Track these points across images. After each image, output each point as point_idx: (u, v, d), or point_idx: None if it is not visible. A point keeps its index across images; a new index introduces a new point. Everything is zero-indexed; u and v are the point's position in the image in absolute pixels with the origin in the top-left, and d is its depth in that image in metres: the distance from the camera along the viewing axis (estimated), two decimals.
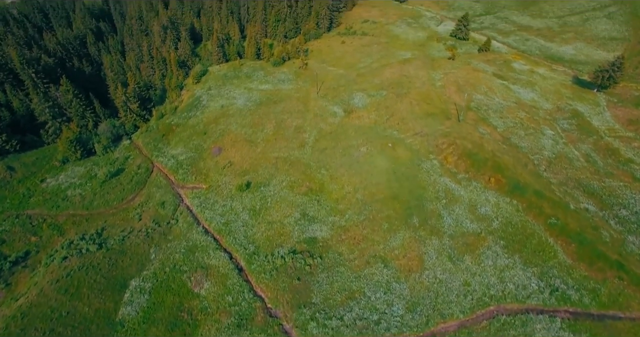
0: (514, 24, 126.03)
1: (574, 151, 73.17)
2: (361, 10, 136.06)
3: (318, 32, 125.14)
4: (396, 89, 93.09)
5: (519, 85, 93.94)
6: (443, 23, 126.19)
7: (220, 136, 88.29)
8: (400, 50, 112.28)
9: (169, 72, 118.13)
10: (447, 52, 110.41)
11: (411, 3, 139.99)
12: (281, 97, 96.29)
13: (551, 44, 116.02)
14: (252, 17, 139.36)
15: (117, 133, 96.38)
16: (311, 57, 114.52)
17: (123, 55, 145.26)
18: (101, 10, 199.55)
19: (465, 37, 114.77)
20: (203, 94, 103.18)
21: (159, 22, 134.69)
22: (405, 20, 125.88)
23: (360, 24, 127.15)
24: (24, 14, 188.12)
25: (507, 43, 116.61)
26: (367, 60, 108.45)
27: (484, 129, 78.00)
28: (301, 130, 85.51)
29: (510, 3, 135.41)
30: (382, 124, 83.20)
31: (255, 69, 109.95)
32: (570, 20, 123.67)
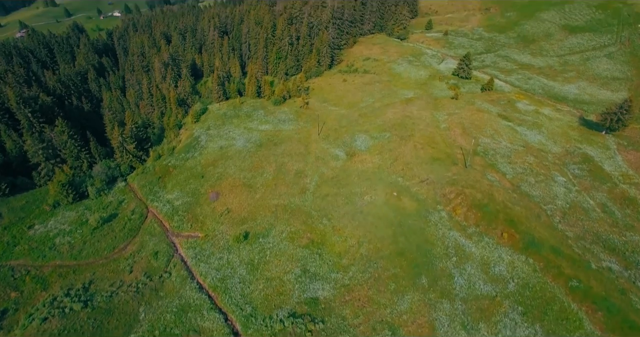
0: (515, 62, 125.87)
1: (589, 200, 69.80)
2: (362, 47, 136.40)
3: (319, 70, 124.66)
4: (399, 131, 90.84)
5: (525, 127, 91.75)
6: (444, 61, 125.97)
7: (218, 180, 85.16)
8: (402, 89, 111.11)
9: (168, 110, 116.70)
10: (450, 92, 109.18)
11: (412, 40, 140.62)
12: (282, 139, 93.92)
13: (554, 82, 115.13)
14: (254, 54, 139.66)
15: (112, 175, 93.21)
16: (312, 96, 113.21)
17: (123, 91, 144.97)
18: (105, 45, 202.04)
19: (468, 76, 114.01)
20: (202, 134, 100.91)
21: (160, 59, 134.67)
22: (406, 58, 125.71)
23: (362, 62, 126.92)
24: (29, 48, 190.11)
25: (510, 82, 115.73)
26: (369, 100, 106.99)
27: (492, 175, 74.96)
28: (302, 175, 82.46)
29: (510, 41, 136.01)
30: (386, 169, 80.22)
31: (256, 108, 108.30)
32: (571, 60, 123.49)
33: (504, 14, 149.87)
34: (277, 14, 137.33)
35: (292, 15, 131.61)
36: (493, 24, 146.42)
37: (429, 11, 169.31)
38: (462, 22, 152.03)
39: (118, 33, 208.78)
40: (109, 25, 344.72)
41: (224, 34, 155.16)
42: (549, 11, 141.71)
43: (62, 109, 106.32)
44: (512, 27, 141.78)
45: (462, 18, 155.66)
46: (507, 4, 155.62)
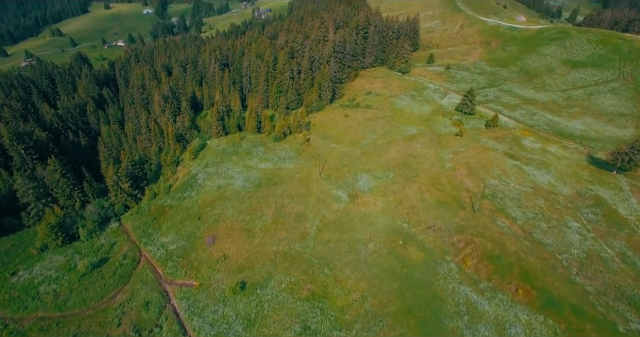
0: (519, 97, 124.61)
1: (607, 249, 65.88)
2: (364, 81, 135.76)
3: (320, 104, 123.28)
4: (403, 171, 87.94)
5: (532, 167, 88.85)
6: (447, 96, 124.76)
7: (215, 222, 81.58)
8: (405, 125, 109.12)
9: (166, 145, 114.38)
10: (453, 128, 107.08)
11: (414, 74, 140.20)
12: (282, 178, 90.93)
13: (559, 118, 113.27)
14: (254, 87, 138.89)
15: (105, 215, 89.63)
16: (313, 131, 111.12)
17: (122, 124, 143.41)
18: (106, 76, 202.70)
19: (472, 111, 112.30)
20: (200, 172, 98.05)
21: (159, 92, 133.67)
22: (409, 93, 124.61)
23: (364, 96, 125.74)
24: (31, 79, 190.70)
25: (514, 117, 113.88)
26: (372, 137, 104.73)
27: (502, 221, 71.36)
28: (303, 218, 78.91)
29: (512, 75, 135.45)
30: (390, 213, 76.73)
31: (256, 145, 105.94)
32: (575, 95, 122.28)
33: (505, 48, 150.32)
34: (279, 47, 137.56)
35: (294, 49, 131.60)
36: (495, 58, 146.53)
37: (430, 44, 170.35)
38: (463, 56, 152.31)
39: (120, 64, 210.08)
40: (112, 54, 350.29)
41: (224, 66, 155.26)
42: (550, 46, 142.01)
43: (57, 145, 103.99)
44: (513, 61, 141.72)
45: (463, 52, 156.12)
46: (508, 38, 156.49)
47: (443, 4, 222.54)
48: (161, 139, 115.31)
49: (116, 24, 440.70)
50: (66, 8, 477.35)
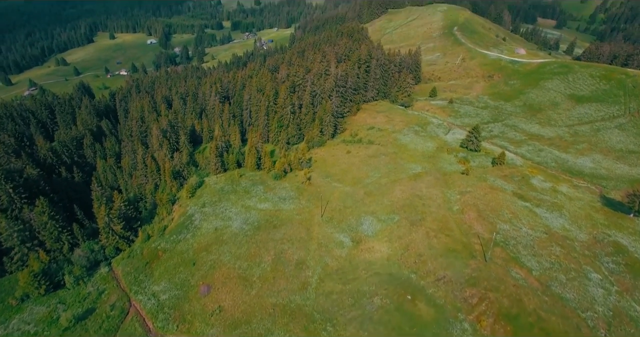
0: (524, 132, 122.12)
1: (635, 306, 60.85)
2: (366, 115, 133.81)
3: (322, 139, 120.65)
4: (409, 214, 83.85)
5: (544, 209, 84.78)
6: (451, 131, 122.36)
7: (211, 269, 76.79)
8: (409, 162, 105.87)
9: (162, 182, 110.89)
10: (459, 166, 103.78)
11: (417, 108, 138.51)
12: (282, 220, 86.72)
13: (566, 155, 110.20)
14: (255, 121, 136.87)
15: (95, 259, 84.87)
16: (315, 168, 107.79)
17: (119, 157, 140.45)
18: (107, 107, 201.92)
19: (477, 148, 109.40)
20: (196, 212, 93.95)
21: (158, 126, 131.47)
22: (412, 128, 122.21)
23: (366, 131, 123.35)
24: (30, 110, 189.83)
25: (521, 154, 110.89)
26: (375, 175, 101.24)
27: (517, 272, 66.61)
28: (303, 266, 74.17)
29: (516, 110, 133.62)
30: (396, 261, 72.08)
31: (255, 183, 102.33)
32: (581, 130, 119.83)
33: (508, 82, 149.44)
34: (280, 81, 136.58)
35: (295, 83, 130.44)
36: (497, 92, 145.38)
37: (432, 77, 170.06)
38: (466, 90, 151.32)
39: (121, 94, 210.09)
40: (115, 83, 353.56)
41: (225, 99, 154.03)
42: (553, 80, 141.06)
43: (48, 183, 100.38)
44: (517, 95, 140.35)
45: (465, 85, 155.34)
46: (510, 72, 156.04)
47: (444, 37, 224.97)
48: (157, 175, 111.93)
49: (120, 53, 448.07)
50: (72, 38, 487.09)
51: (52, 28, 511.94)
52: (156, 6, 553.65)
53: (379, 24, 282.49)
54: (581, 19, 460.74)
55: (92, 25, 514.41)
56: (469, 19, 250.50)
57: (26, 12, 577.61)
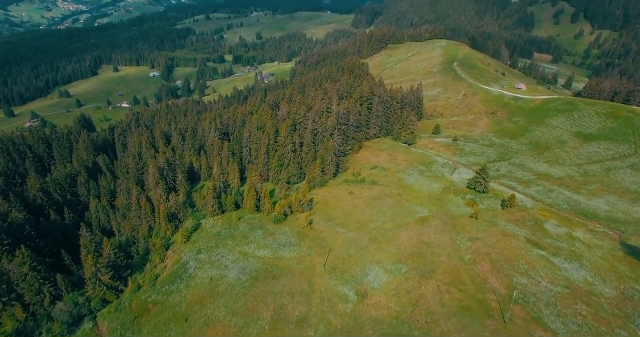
0: (532, 172, 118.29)
1: None
2: (369, 154, 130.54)
3: (324, 179, 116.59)
4: (418, 264, 78.37)
5: (562, 258, 79.34)
6: (457, 171, 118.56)
7: (205, 327, 70.49)
8: (415, 205, 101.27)
9: (156, 225, 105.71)
10: (467, 209, 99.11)
11: (421, 146, 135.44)
12: (282, 270, 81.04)
13: (578, 196, 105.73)
14: (255, 159, 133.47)
15: (78, 313, 78.45)
16: (316, 211, 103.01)
17: (114, 195, 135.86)
18: (105, 142, 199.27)
19: (485, 190, 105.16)
20: (191, 259, 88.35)
21: (155, 164, 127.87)
22: (417, 168, 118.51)
23: (369, 171, 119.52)
24: (27, 144, 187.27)
25: (531, 195, 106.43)
26: (380, 219, 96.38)
27: (541, 336, 60.40)
28: (305, 324, 67.92)
29: (523, 148, 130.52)
30: (405, 320, 65.95)
31: (254, 227, 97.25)
32: (591, 170, 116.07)
33: (512, 119, 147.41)
34: (281, 118, 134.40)
35: (296, 121, 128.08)
36: (502, 129, 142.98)
37: (434, 114, 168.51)
38: (470, 127, 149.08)
39: (120, 129, 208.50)
40: (116, 115, 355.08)
41: (224, 136, 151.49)
42: (558, 118, 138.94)
43: (35, 227, 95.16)
44: (522, 133, 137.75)
45: (469, 122, 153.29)
46: (513, 109, 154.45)
47: (444, 72, 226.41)
48: (152, 218, 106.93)
49: (123, 86, 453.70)
50: (77, 71, 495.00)
51: (59, 61, 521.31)
52: (160, 41, 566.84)
53: (379, 59, 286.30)
54: (576, 54, 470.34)
55: (98, 58, 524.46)
56: (468, 55, 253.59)
57: (35, 46, 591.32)
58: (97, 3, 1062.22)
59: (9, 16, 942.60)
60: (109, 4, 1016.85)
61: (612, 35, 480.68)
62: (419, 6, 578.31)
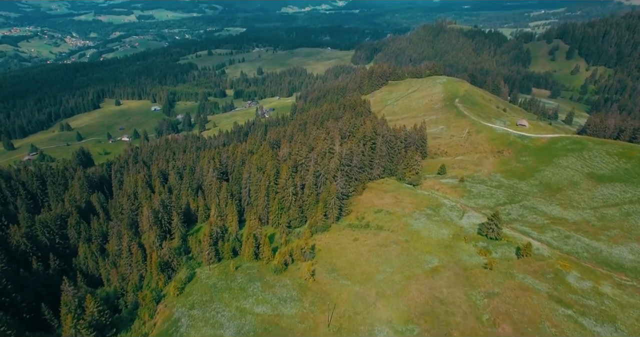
0: (545, 215, 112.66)
1: None
2: (372, 195, 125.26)
3: (326, 223, 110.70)
4: (431, 324, 71.18)
5: (592, 319, 72.20)
6: (466, 214, 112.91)
7: None
8: (424, 253, 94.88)
9: (148, 274, 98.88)
10: (480, 258, 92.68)
11: (426, 187, 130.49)
12: (282, 329, 73.78)
13: (598, 243, 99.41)
14: (254, 200, 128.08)
15: None
16: (319, 259, 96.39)
17: (106, 238, 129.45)
18: (101, 179, 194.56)
19: (498, 236, 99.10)
20: (183, 316, 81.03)
21: (150, 205, 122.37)
22: (423, 212, 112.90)
23: (373, 215, 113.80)
24: (21, 181, 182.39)
25: (546, 241, 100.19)
26: (387, 269, 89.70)
27: None
28: None
29: (533, 189, 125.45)
30: None
31: (252, 278, 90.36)
32: (608, 214, 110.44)
33: (520, 159, 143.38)
34: (281, 159, 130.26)
35: (297, 162, 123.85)
36: (510, 169, 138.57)
37: (438, 152, 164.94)
38: (476, 166, 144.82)
39: (118, 165, 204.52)
40: (116, 149, 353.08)
41: (223, 175, 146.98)
42: (567, 157, 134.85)
43: (13, 279, 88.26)
44: (531, 173, 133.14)
45: (475, 161, 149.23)
46: (520, 148, 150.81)
47: (446, 108, 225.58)
48: (143, 266, 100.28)
49: (124, 119, 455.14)
50: (79, 104, 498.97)
51: (62, 94, 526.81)
52: (163, 75, 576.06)
53: (380, 95, 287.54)
54: (573, 89, 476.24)
55: (100, 92, 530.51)
56: (469, 91, 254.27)
57: (40, 80, 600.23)
58: (103, 38, 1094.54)
59: (18, 51, 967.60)
60: (115, 40, 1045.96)
61: (607, 71, 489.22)
62: (417, 42, 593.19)
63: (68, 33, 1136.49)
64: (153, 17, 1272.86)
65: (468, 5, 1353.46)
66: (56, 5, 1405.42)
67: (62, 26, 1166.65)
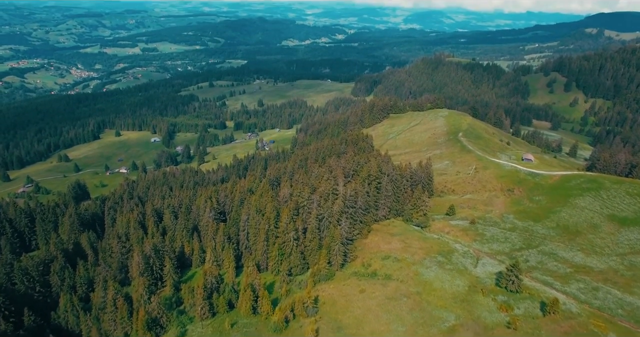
0: (567, 262, 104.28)
1: None
2: (378, 239, 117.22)
3: (330, 271, 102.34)
4: None
5: None
6: (481, 261, 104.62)
7: None
8: (438, 308, 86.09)
9: (133, 332, 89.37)
10: (501, 314, 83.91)
11: (435, 230, 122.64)
12: None
13: (631, 297, 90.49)
14: (253, 244, 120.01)
15: None
16: (323, 315, 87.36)
17: (92, 285, 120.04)
18: (93, 216, 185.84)
19: (518, 289, 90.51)
20: None
21: (140, 250, 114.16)
22: (434, 259, 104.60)
23: (381, 261, 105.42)
24: (8, 218, 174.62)
25: (572, 294, 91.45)
26: (399, 328, 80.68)
27: None
28: None
29: (550, 233, 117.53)
30: None
31: None
32: (638, 262, 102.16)
33: (532, 198, 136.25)
34: (282, 200, 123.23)
35: (299, 204, 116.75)
36: (523, 210, 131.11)
37: (445, 189, 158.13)
38: (486, 206, 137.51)
39: (112, 201, 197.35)
40: (113, 181, 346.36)
41: (221, 215, 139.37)
42: (584, 197, 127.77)
43: None
44: (546, 214, 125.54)
45: (484, 200, 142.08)
46: (531, 186, 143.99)
47: (449, 143, 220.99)
48: (129, 323, 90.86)
49: (123, 150, 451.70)
50: (79, 135, 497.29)
51: (63, 125, 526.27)
52: (163, 106, 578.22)
53: (382, 129, 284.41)
54: (574, 121, 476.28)
55: (101, 122, 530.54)
56: (472, 125, 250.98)
57: (42, 110, 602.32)
58: (107, 70, 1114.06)
59: (24, 82, 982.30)
60: (119, 71, 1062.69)
61: (605, 103, 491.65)
62: (416, 75, 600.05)
63: (74, 65, 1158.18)
64: (157, 50, 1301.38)
65: (464, 38, 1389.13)
66: (64, 38, 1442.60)
67: (68, 58, 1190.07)
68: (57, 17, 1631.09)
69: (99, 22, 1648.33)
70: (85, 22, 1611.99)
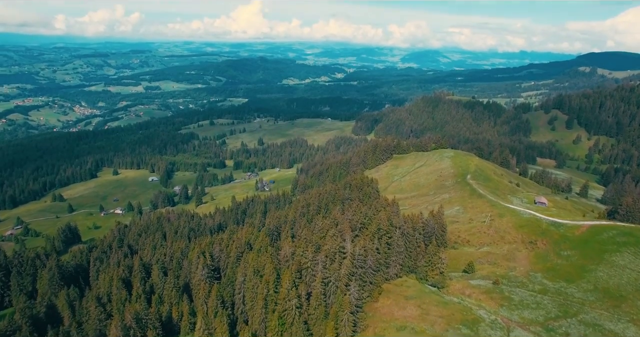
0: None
1: None
2: (391, 303, 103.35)
3: None
4: None
5: None
6: (512, 334, 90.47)
7: None
8: None
9: None
10: None
11: (454, 291, 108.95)
12: None
13: None
14: (250, 310, 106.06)
15: None
16: None
17: None
18: (77, 268, 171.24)
19: None
20: None
21: (120, 319, 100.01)
22: (458, 330, 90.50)
23: (395, 334, 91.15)
24: None
25: None
26: None
27: None
28: None
29: (588, 297, 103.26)
30: None
31: None
32: None
33: (560, 253, 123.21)
34: (282, 260, 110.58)
35: (302, 265, 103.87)
36: (552, 267, 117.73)
37: (459, 240, 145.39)
38: (508, 262, 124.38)
39: (99, 250, 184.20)
40: (107, 222, 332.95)
41: (215, 271, 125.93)
42: (622, 254, 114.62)
43: None
44: (580, 274, 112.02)
45: (505, 255, 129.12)
46: (557, 238, 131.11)
47: (458, 186, 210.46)
48: None
49: (119, 190, 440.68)
50: (76, 173, 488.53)
51: (61, 163, 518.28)
52: (163, 144, 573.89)
53: (385, 170, 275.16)
54: (578, 159, 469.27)
55: (99, 160, 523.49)
56: (479, 166, 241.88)
57: (42, 148, 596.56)
58: (110, 107, 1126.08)
59: (27, 120, 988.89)
60: (121, 109, 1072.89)
61: (609, 140, 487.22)
62: (416, 113, 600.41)
63: (77, 102, 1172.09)
64: (159, 88, 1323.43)
65: (461, 77, 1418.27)
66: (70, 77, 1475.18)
67: (72, 96, 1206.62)
68: (65, 57, 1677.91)
69: (105, 61, 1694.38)
70: (92, 61, 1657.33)
